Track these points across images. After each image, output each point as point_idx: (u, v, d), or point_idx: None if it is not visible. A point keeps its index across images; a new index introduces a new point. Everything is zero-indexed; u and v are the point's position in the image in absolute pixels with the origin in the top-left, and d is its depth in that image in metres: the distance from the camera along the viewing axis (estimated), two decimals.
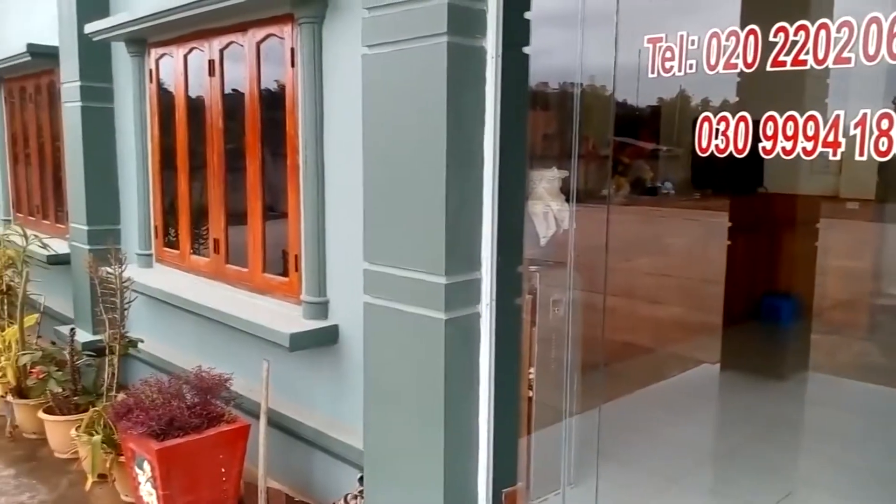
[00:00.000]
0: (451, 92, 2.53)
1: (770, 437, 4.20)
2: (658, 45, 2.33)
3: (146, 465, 3.65)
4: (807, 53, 1.98)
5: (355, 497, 3.40)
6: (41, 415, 4.77)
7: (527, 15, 2.72)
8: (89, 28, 4.99)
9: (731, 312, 5.53)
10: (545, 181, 2.97)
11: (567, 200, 2.96)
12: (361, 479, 3.25)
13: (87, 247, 5.34)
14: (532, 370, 3.07)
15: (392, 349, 2.88)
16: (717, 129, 2.20)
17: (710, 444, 4.26)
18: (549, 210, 2.97)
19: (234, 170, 4.43)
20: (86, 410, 4.47)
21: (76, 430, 4.34)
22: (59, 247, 6.04)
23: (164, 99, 4.98)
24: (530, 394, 3.13)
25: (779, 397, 4.87)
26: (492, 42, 2.64)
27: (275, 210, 4.21)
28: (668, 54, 2.29)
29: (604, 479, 3.17)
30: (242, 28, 4.09)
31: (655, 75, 2.35)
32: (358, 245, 3.09)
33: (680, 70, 2.28)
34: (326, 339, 3.79)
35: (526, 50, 2.75)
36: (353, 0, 3.34)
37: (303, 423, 3.93)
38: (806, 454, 4.03)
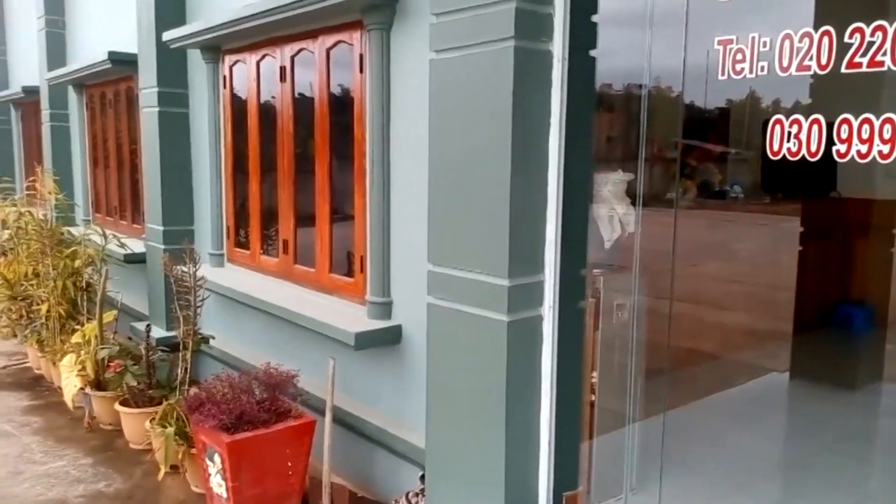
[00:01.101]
0: (518, 95, 2.55)
1: (840, 448, 4.06)
2: (728, 46, 2.30)
3: (216, 458, 3.78)
4: (884, 55, 1.93)
5: (417, 495, 3.44)
6: (117, 407, 4.98)
7: (594, 18, 2.72)
8: (167, 36, 5.19)
9: (801, 320, 5.36)
10: (610, 184, 2.95)
11: (632, 204, 2.93)
12: (423, 477, 3.30)
13: (163, 246, 5.56)
14: (595, 374, 3.06)
15: (455, 350, 2.91)
16: (790, 132, 2.16)
17: (778, 454, 4.15)
18: (613, 213, 2.96)
19: (303, 173, 4.54)
20: (159, 403, 4.65)
21: (150, 422, 4.52)
22: (136, 246, 6.29)
23: (237, 104, 5.14)
24: (592, 398, 3.11)
25: (850, 408, 4.71)
26: (558, 45, 2.65)
27: (341, 212, 4.30)
28: (739, 56, 2.26)
29: (667, 486, 3.14)
30: (313, 35, 4.20)
31: (726, 77, 2.32)
32: (422, 247, 3.14)
33: (751, 72, 2.24)
34: (390, 338, 3.85)
35: (592, 52, 2.75)
36: (421, 6, 3.40)
37: (366, 420, 4.00)
38: (877, 467, 3.89)
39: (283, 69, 4.55)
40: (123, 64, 6.24)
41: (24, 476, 4.50)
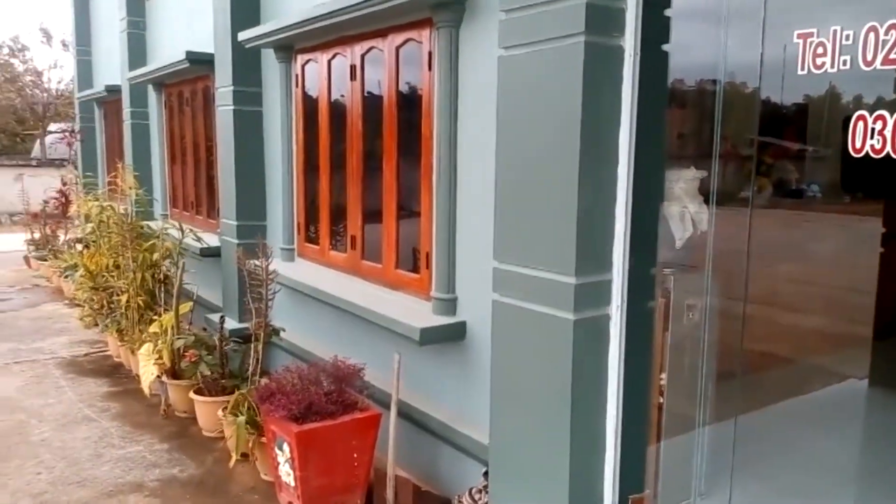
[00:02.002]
0: (587, 91, 2.52)
1: None
2: (809, 40, 2.22)
3: (286, 447, 3.87)
4: None
5: (480, 491, 3.45)
6: (192, 395, 5.16)
7: (667, 12, 2.67)
8: (242, 36, 5.34)
9: (882, 324, 5.13)
10: (682, 181, 2.89)
11: (705, 202, 2.87)
12: (486, 473, 3.30)
13: (237, 241, 5.73)
14: (663, 376, 3.00)
15: (520, 348, 2.90)
16: (873, 129, 2.07)
17: (854, 464, 3.98)
18: (685, 211, 2.89)
19: (371, 169, 4.61)
20: (232, 393, 4.79)
21: (223, 410, 4.66)
22: (211, 240, 6.50)
23: (308, 102, 5.25)
24: (661, 400, 3.05)
25: None
26: (630, 40, 2.60)
27: (408, 208, 4.34)
28: (820, 50, 2.18)
29: (737, 493, 3.06)
30: (383, 33, 4.25)
31: (805, 72, 2.24)
32: (487, 244, 3.14)
33: (833, 66, 2.16)
34: (454, 335, 3.87)
35: (665, 47, 2.70)
36: (490, 3, 3.40)
37: (430, 415, 4.03)
38: None
39: (353, 67, 4.62)
40: (200, 63, 6.45)
41: (104, 459, 4.72)
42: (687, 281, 3.02)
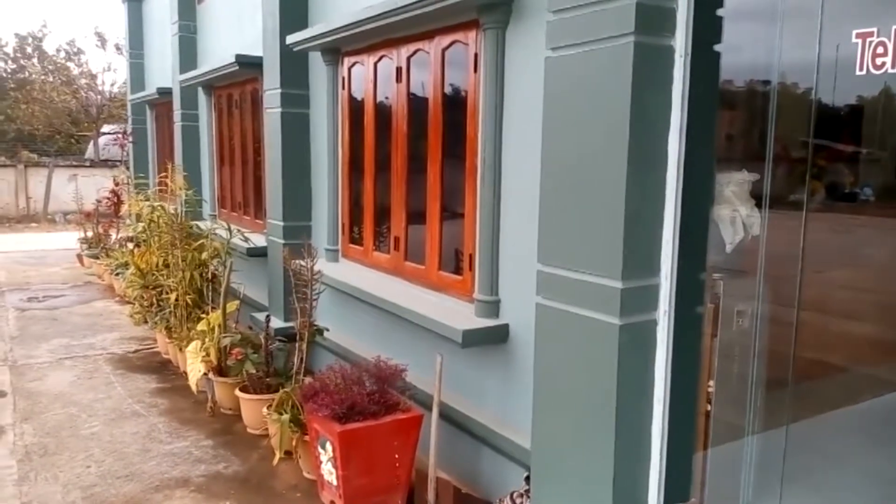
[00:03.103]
0: (636, 92, 2.48)
1: None
2: (868, 39, 2.15)
3: (328, 446, 3.90)
4: None
5: (521, 495, 3.43)
6: (237, 393, 5.24)
7: (719, 12, 2.61)
8: (290, 39, 5.41)
9: None
10: (733, 184, 2.83)
11: (757, 205, 2.80)
12: (528, 478, 3.28)
13: (283, 241, 5.80)
14: (711, 383, 2.94)
15: (564, 352, 2.87)
16: None
17: None
18: (736, 215, 2.83)
19: (416, 171, 4.62)
20: (276, 391, 4.85)
21: (267, 408, 4.72)
22: (258, 240, 6.59)
23: (354, 105, 5.29)
24: (708, 408, 3.00)
25: None
26: (680, 41, 2.56)
27: (451, 210, 4.34)
28: (881, 49, 2.11)
29: (787, 503, 2.97)
30: (429, 35, 4.26)
31: (864, 72, 2.17)
32: (531, 246, 3.12)
33: (893, 66, 2.09)
34: (497, 337, 3.85)
35: (716, 48, 2.65)
36: (538, 4, 3.38)
37: (471, 417, 4.02)
38: None
39: (399, 70, 4.64)
40: (249, 66, 6.56)
41: (152, 454, 4.82)
42: (737, 286, 2.96)
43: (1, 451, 4.82)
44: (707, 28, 2.59)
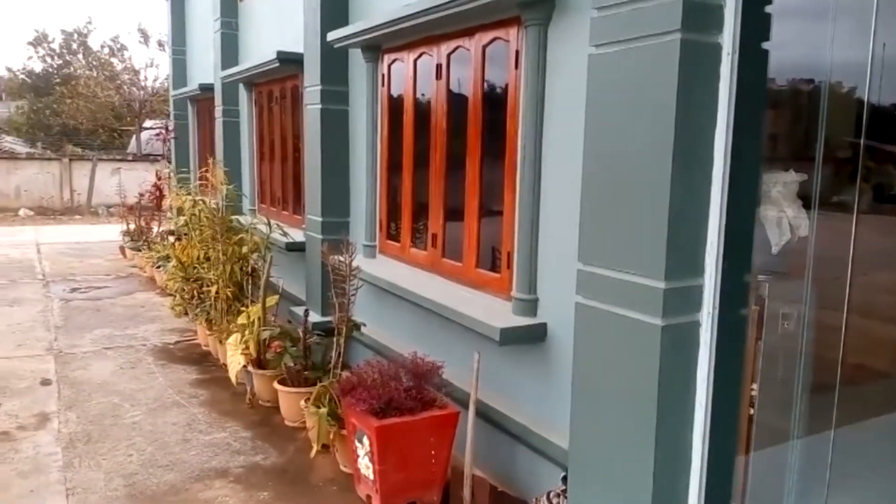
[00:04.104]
0: (682, 90, 2.44)
1: None
2: None
3: (365, 440, 3.93)
4: None
5: (558, 495, 3.41)
6: (276, 385, 5.30)
7: (768, 9, 2.56)
8: (331, 36, 5.45)
9: None
10: (780, 185, 2.77)
11: (804, 206, 2.74)
12: (565, 478, 3.26)
13: (321, 236, 5.85)
14: (755, 386, 2.89)
15: (603, 352, 2.84)
16: None
17: None
18: (783, 216, 2.78)
19: (454, 168, 4.62)
20: (314, 384, 4.90)
21: (305, 401, 4.77)
22: (296, 235, 6.67)
23: (393, 102, 5.31)
24: (751, 411, 2.95)
25: None
26: (728, 38, 2.51)
27: (490, 207, 4.33)
28: None
29: None
30: (470, 32, 4.25)
31: None
32: (571, 245, 3.10)
33: None
34: (535, 336, 3.84)
35: (765, 45, 2.59)
36: (581, 1, 3.35)
37: (508, 416, 4.01)
38: None
39: (439, 67, 4.65)
40: (290, 63, 6.62)
41: (192, 444, 4.90)
42: (782, 288, 2.90)
43: (46, 437, 4.95)
44: (755, 25, 2.54)
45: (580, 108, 2.89)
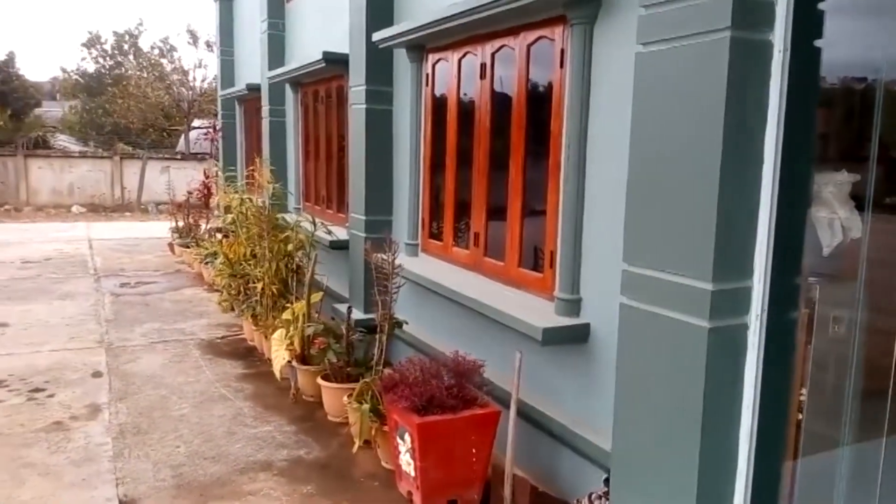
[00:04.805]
0: (731, 88, 2.41)
1: None
2: None
3: (407, 437, 3.96)
4: None
5: (600, 497, 3.39)
6: (319, 381, 5.37)
7: (821, 6, 2.51)
8: (376, 36, 5.50)
9: None
10: (832, 185, 2.71)
11: (857, 208, 2.67)
12: (607, 480, 3.24)
13: (364, 235, 5.91)
14: (804, 391, 2.83)
15: (648, 354, 2.81)
16: None
17: None
18: (835, 217, 2.71)
19: (497, 167, 4.62)
20: (356, 380, 4.95)
21: (348, 397, 4.83)
22: (340, 233, 6.74)
23: (437, 101, 5.33)
24: (800, 417, 2.88)
25: None
26: (779, 36, 2.47)
27: (533, 207, 4.32)
28: None
29: None
30: (515, 32, 4.25)
31: None
32: (615, 245, 3.07)
33: None
34: (577, 336, 3.82)
35: (817, 43, 2.54)
36: None
37: (549, 416, 4.00)
38: None
39: (483, 66, 4.65)
40: (335, 63, 6.69)
41: (237, 437, 5.00)
42: (833, 291, 2.83)
43: (97, 428, 5.10)
44: (808, 23, 2.49)
45: (626, 107, 2.87)
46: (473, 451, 4.01)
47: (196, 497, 4.16)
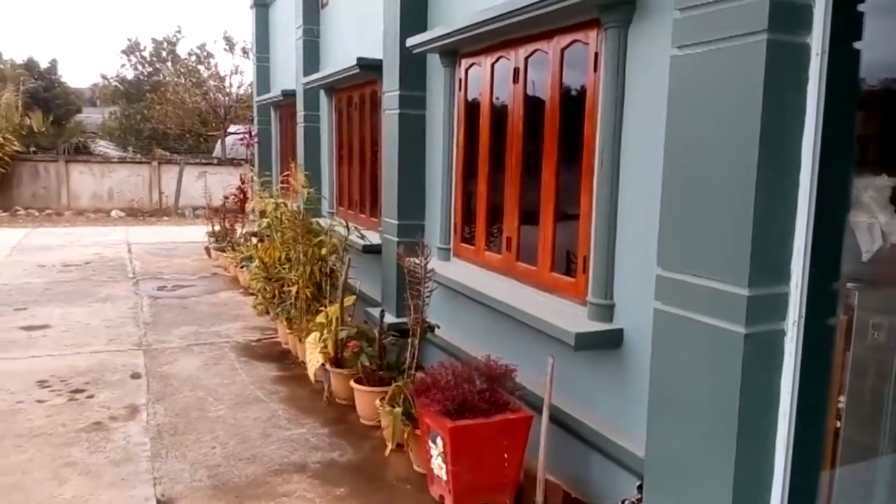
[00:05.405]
0: (768, 92, 2.38)
1: None
2: None
3: (439, 441, 3.97)
4: None
5: None
6: (352, 384, 5.41)
7: (860, 7, 2.47)
8: (410, 42, 5.54)
9: None
10: (872, 189, 2.66)
11: None
12: (640, 487, 3.21)
13: (397, 239, 5.94)
14: (842, 399, 2.78)
15: (683, 361, 2.79)
16: None
17: None
18: (874, 222, 2.67)
19: (530, 172, 4.62)
20: (388, 384, 4.98)
21: (380, 401, 4.85)
22: (373, 238, 6.79)
23: (470, 106, 5.35)
24: (837, 425, 2.84)
25: None
26: (817, 38, 2.43)
27: (565, 211, 4.31)
28: None
29: None
30: (548, 36, 4.25)
31: None
32: (649, 249, 3.05)
33: None
34: (611, 341, 3.80)
35: (856, 45, 2.50)
36: (662, 2, 3.31)
37: (581, 422, 3.98)
38: None
39: (516, 70, 4.66)
40: (369, 69, 6.76)
41: (272, 439, 5.06)
42: (873, 297, 2.79)
43: (136, 428, 5.20)
44: (847, 25, 2.46)
45: (660, 110, 2.86)
46: (505, 455, 4.01)
47: (232, 498, 4.22)
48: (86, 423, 5.28)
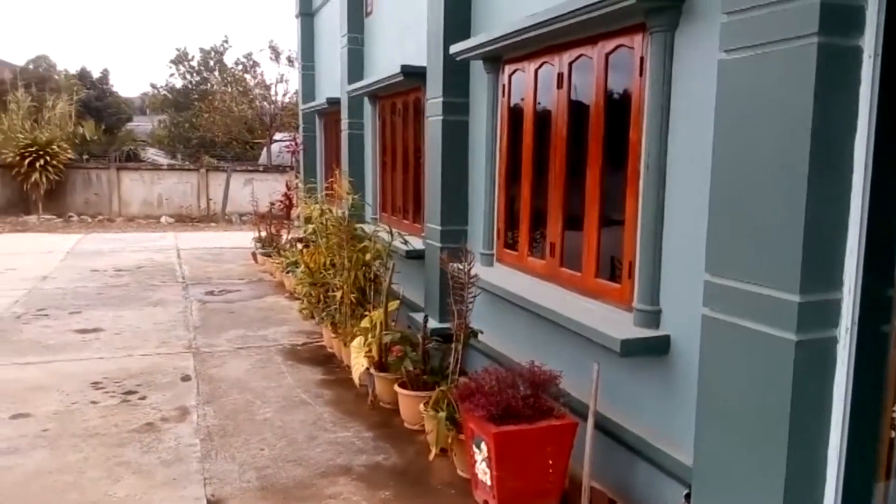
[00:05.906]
0: (819, 95, 2.35)
1: None
2: None
3: (483, 446, 3.98)
4: None
5: None
6: (396, 388, 5.45)
7: None
8: (454, 49, 5.57)
9: None
10: None
11: None
12: (688, 496, 3.17)
13: (440, 244, 5.98)
14: None
15: (732, 368, 2.75)
16: None
17: None
18: None
19: (574, 177, 4.60)
20: (432, 389, 5.01)
21: (424, 405, 4.88)
22: (416, 243, 6.83)
23: (513, 111, 5.36)
24: (892, 435, 2.76)
25: None
26: (870, 41, 2.39)
27: (610, 216, 4.29)
28: None
29: None
30: (593, 41, 4.24)
31: None
32: (697, 255, 3.02)
33: None
34: (657, 348, 3.76)
35: None
36: (709, 5, 3.28)
37: (627, 428, 3.95)
38: None
39: (560, 76, 4.65)
40: (413, 76, 6.81)
41: (318, 442, 5.13)
42: None
43: (186, 429, 5.32)
44: None
45: (707, 115, 2.83)
46: (550, 461, 3.99)
47: (280, 499, 4.29)
48: (138, 424, 5.42)
